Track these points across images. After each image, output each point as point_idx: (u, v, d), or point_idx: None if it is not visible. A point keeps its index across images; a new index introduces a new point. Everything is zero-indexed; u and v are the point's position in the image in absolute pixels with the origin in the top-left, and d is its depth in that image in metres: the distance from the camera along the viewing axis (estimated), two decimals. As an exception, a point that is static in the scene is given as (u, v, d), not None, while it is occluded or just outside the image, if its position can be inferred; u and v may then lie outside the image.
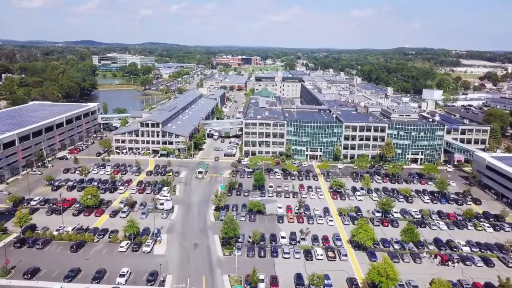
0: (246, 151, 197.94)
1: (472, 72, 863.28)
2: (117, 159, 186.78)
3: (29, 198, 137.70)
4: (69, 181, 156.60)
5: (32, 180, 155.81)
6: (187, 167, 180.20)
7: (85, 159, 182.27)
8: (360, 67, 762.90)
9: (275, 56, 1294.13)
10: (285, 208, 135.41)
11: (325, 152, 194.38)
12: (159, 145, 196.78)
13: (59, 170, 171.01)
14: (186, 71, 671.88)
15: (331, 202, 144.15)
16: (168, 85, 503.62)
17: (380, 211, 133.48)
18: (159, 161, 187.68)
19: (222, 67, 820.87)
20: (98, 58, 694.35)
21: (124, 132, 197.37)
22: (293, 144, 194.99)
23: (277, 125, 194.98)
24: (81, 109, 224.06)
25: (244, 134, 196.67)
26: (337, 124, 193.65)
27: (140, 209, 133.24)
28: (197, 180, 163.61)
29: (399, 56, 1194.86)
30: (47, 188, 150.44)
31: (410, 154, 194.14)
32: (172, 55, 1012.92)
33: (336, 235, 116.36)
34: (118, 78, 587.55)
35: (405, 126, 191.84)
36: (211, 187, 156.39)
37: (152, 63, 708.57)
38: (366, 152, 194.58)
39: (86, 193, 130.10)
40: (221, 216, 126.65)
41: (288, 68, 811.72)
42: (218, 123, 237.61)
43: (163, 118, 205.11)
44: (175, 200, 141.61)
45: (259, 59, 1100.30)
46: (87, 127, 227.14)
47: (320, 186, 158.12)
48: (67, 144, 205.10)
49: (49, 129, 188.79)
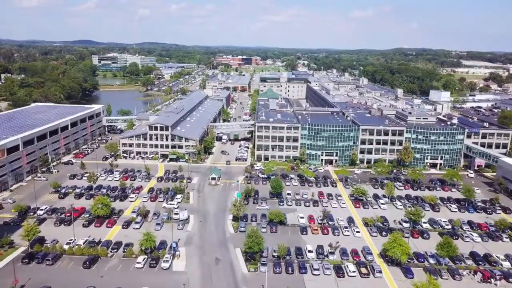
0: (258, 155, 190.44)
1: (474, 73, 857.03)
2: (125, 164, 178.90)
3: (36, 207, 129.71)
4: (76, 188, 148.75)
5: (37, 186, 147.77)
6: (198, 172, 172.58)
7: (92, 164, 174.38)
8: (363, 67, 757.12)
9: (275, 56, 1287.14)
10: (307, 218, 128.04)
11: (341, 156, 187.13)
12: (168, 149, 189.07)
13: (65, 176, 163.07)
14: (187, 72, 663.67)
15: (354, 211, 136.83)
16: (170, 85, 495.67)
17: (407, 221, 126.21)
18: (168, 166, 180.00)
19: (223, 67, 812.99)
20: (98, 58, 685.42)
21: (131, 135, 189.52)
22: (308, 149, 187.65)
23: (291, 128, 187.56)
24: (85, 111, 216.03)
25: (257, 138, 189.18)
26: (353, 127, 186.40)
27: (154, 219, 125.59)
28: (210, 187, 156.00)
29: (399, 57, 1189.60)
30: (54, 196, 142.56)
31: (429, 159, 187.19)
32: (171, 55, 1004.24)
33: (367, 249, 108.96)
34: (119, 78, 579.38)
35: (424, 130, 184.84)
36: (226, 194, 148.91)
37: (152, 63, 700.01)
38: (383, 157, 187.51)
39: (97, 202, 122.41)
40: (240, 228, 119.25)
41: (290, 68, 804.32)
42: (227, 125, 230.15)
43: (172, 121, 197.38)
44: (189, 209, 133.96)
45: (259, 59, 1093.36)
46: (91, 130, 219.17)
47: (340, 194, 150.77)
48: (71, 148, 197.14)
49: (54, 133, 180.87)
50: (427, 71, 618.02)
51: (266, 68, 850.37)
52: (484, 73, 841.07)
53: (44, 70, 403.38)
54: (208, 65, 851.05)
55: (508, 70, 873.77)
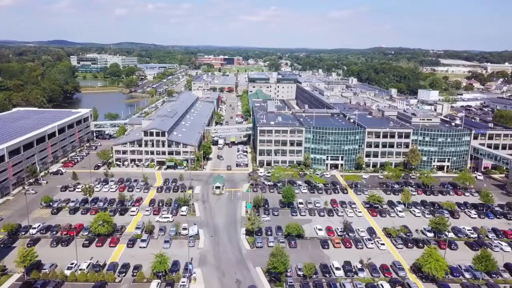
0: (260, 160, 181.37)
1: (453, 71, 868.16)
2: (119, 173, 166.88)
3: (28, 225, 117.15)
4: (70, 201, 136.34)
5: (28, 200, 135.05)
6: (199, 180, 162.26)
7: (84, 174, 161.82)
8: (346, 67, 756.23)
9: (256, 56, 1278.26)
10: (325, 229, 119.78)
11: (347, 160, 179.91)
12: (164, 156, 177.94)
13: (55, 188, 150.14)
14: (170, 72, 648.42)
15: (371, 220, 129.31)
16: (154, 87, 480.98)
17: (430, 230, 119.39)
18: (166, 174, 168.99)
19: (206, 67, 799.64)
20: (77, 58, 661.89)
21: (125, 142, 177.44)
22: (312, 153, 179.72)
23: (294, 132, 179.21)
24: (72, 116, 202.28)
25: (259, 143, 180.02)
26: (359, 130, 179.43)
27: (160, 235, 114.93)
28: (215, 197, 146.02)
29: (379, 56, 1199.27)
30: (46, 211, 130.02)
31: (436, 161, 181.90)
32: (152, 55, 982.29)
33: (397, 264, 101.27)
34: (100, 79, 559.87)
35: (431, 132, 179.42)
36: (233, 204, 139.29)
37: (134, 64, 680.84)
38: (389, 160, 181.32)
39: (97, 218, 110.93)
40: (257, 243, 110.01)
41: (274, 68, 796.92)
42: (224, 129, 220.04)
43: (168, 125, 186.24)
44: (197, 223, 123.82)
45: (241, 59, 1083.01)
46: (79, 136, 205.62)
47: (353, 201, 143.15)
48: (59, 156, 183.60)
49: (41, 140, 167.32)
50: (411, 70, 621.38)
51: (249, 68, 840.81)
52: (463, 72, 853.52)
53: (22, 72, 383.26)
54: (190, 65, 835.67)
55: (486, 69, 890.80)
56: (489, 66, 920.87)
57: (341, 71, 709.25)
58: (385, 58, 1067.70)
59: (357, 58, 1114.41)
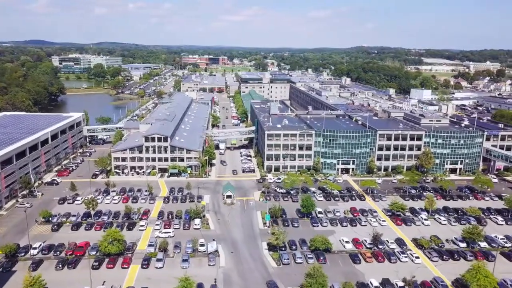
0: (268, 166, 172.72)
1: (437, 70, 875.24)
2: (120, 182, 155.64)
3: (28, 244, 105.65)
4: (70, 215, 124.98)
5: (21, 216, 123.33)
6: (206, 188, 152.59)
7: (81, 184, 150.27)
8: (333, 66, 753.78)
9: (240, 55, 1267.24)
10: (351, 241, 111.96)
11: (358, 165, 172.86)
12: (167, 163, 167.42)
13: (52, 200, 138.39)
14: (156, 72, 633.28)
15: (397, 229, 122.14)
16: (142, 88, 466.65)
17: (462, 240, 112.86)
18: (170, 182, 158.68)
19: (192, 67, 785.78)
20: (59, 59, 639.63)
21: (124, 148, 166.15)
22: (322, 157, 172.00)
23: (304, 135, 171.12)
24: (65, 121, 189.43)
25: (266, 147, 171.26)
26: (370, 133, 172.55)
27: (176, 253, 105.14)
28: (226, 207, 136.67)
29: (362, 55, 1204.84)
30: (45, 228, 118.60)
31: (448, 164, 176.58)
32: (135, 55, 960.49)
33: (439, 280, 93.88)
34: (84, 80, 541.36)
35: (444, 134, 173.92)
36: (248, 215, 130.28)
37: (118, 64, 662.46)
38: (401, 163, 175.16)
39: (107, 237, 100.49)
40: (284, 260, 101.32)
41: (261, 68, 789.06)
42: (225, 132, 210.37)
43: (170, 130, 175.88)
44: (212, 237, 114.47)
45: (226, 59, 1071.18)
46: (72, 142, 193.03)
47: (373, 209, 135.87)
48: (53, 164, 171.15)
49: (33, 148, 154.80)
50: (397, 69, 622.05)
51: (235, 68, 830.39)
52: (446, 71, 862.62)
53: (2, 74, 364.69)
54: (175, 65, 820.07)
55: (469, 67, 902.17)
56: (471, 64, 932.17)
57: (329, 71, 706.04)
58: (368, 57, 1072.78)
59: (341, 57, 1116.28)
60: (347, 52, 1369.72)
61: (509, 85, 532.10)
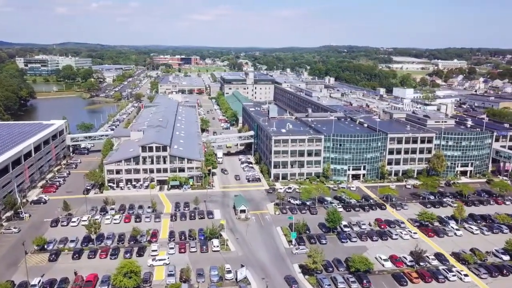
0: (275, 174, 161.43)
1: (408, 68, 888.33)
2: (115, 197, 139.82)
3: (25, 282, 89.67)
4: (68, 241, 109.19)
5: (8, 243, 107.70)
6: (214, 202, 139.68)
7: (72, 201, 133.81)
8: (308, 66, 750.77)
9: (211, 55, 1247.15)
10: (389, 258, 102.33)
11: (369, 170, 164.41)
12: (166, 174, 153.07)
13: (42, 223, 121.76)
14: (129, 74, 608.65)
15: (431, 242, 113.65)
16: (117, 90, 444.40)
17: (505, 252, 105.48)
18: (172, 196, 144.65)
19: (164, 68, 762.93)
20: (24, 60, 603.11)
21: (119, 159, 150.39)
22: (331, 163, 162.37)
23: (312, 140, 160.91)
24: (47, 130, 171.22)
25: (273, 154, 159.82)
26: (381, 136, 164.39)
27: (200, 282, 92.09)
28: (241, 223, 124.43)
29: (333, 54, 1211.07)
30: (40, 258, 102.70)
31: (459, 166, 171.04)
32: (103, 55, 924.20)
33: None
34: (53, 83, 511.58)
35: (455, 135, 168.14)
36: (268, 232, 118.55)
37: (88, 65, 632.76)
38: (411, 167, 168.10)
39: (121, 269, 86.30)
40: (325, 286, 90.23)
41: (236, 68, 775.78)
42: (223, 138, 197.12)
43: (167, 138, 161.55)
44: (236, 260, 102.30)
45: (198, 58, 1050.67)
46: (56, 153, 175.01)
47: (398, 219, 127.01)
48: (36, 179, 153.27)
49: (16, 163, 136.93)
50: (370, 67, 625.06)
51: (210, 68, 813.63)
52: (417, 69, 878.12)
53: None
54: (148, 66, 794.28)
55: (437, 65, 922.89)
56: (440, 63, 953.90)
57: (304, 70, 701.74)
58: (340, 56, 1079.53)
59: (313, 57, 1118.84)
60: (318, 51, 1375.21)
61: (483, 83, 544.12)
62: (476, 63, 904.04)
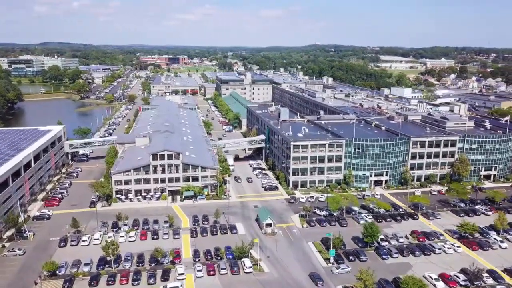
0: (294, 181, 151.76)
1: (397, 67, 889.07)
2: (125, 210, 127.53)
3: (40, 318, 78.27)
4: (81, 264, 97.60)
5: (14, 268, 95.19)
6: (233, 214, 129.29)
7: (80, 215, 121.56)
8: (300, 65, 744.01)
9: (198, 55, 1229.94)
10: (439, 277, 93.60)
11: (391, 176, 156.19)
12: (179, 184, 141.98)
13: (49, 242, 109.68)
14: (118, 74, 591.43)
15: (477, 257, 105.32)
16: (108, 91, 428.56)
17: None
18: (187, 208, 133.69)
19: (153, 68, 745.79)
20: (8, 61, 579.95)
21: (128, 169, 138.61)
22: (353, 169, 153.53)
23: (333, 145, 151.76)
24: (45, 136, 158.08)
25: (292, 160, 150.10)
26: (403, 140, 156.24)
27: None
28: (268, 238, 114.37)
29: (321, 53, 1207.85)
30: (52, 285, 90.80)
31: (483, 171, 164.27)
32: (89, 55, 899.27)
33: None
34: (39, 84, 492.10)
35: (479, 138, 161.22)
36: (300, 249, 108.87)
37: (75, 65, 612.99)
38: (434, 172, 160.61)
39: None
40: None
41: (226, 68, 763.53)
42: (233, 143, 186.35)
43: (179, 144, 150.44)
44: (273, 283, 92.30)
45: (186, 58, 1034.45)
46: (55, 161, 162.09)
47: (435, 231, 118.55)
48: (36, 191, 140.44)
49: (16, 175, 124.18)
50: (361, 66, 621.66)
51: (200, 68, 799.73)
52: (405, 68, 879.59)
53: None
54: (136, 66, 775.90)
55: (425, 64, 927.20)
56: (428, 61, 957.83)
57: (296, 70, 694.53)
58: (328, 55, 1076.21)
59: (300, 56, 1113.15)
60: (304, 50, 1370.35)
61: (476, 82, 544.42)
62: (463, 62, 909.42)
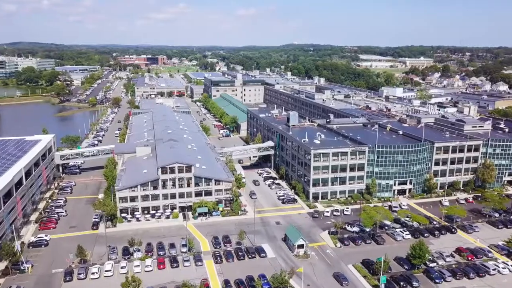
0: (314, 193, 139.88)
1: (377, 66, 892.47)
2: (132, 232, 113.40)
3: None
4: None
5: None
6: (257, 234, 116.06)
7: (81, 239, 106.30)
8: (283, 65, 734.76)
9: (175, 54, 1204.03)
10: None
11: (415, 184, 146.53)
12: (190, 199, 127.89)
13: (52, 276, 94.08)
14: (98, 76, 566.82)
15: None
16: (89, 94, 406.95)
17: None
18: (204, 227, 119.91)
19: (133, 68, 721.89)
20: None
21: (135, 184, 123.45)
22: (376, 178, 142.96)
23: (355, 153, 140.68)
24: (34, 148, 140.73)
25: (313, 170, 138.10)
26: (427, 146, 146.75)
27: None
28: (301, 261, 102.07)
29: (300, 53, 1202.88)
30: (64, 334, 75.78)
31: (507, 176, 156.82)
32: (63, 56, 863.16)
33: None
34: (13, 87, 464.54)
35: (504, 142, 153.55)
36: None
37: (51, 66, 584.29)
38: (458, 179, 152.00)
39: None
40: None
41: (209, 68, 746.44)
42: (241, 150, 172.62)
43: (188, 155, 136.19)
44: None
45: (166, 58, 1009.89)
46: (46, 175, 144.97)
47: (482, 247, 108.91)
48: (29, 212, 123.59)
49: (7, 195, 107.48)
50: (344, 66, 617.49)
51: (181, 68, 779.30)
52: (385, 67, 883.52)
53: None
54: (114, 66, 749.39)
55: (405, 63, 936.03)
56: (407, 60, 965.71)
57: (279, 69, 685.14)
58: (307, 55, 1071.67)
59: (280, 55, 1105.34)
60: (283, 49, 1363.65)
61: (461, 80, 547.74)
62: (440, 61, 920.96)
